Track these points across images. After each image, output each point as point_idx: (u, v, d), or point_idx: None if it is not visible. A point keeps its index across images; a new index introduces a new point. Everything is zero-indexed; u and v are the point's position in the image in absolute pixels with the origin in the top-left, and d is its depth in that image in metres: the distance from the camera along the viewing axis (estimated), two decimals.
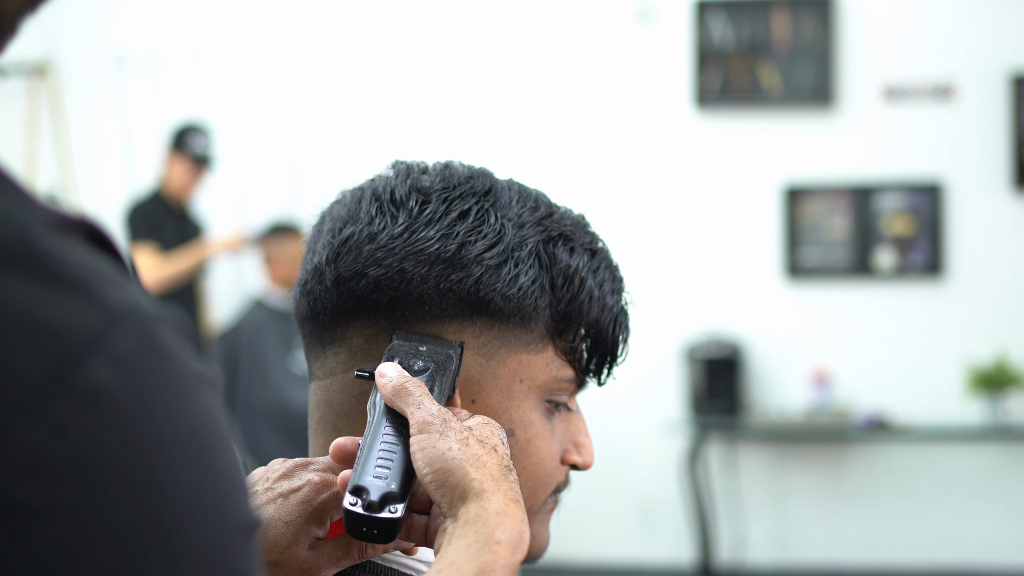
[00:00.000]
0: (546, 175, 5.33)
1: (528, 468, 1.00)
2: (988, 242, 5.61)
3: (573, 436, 1.04)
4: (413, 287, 0.97)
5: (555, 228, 1.01)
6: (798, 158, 5.71)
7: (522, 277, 0.99)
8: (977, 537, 5.58)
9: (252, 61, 5.99)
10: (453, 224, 0.99)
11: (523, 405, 1.00)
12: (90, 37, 6.11)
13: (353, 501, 0.86)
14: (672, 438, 5.66)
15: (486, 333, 0.99)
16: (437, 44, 5.89)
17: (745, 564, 5.69)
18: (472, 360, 0.99)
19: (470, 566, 0.83)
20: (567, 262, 1.01)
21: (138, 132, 6.01)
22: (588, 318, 1.01)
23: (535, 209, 1.02)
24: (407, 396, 0.91)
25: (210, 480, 0.55)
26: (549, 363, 1.01)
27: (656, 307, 5.65)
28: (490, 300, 0.98)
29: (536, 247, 1.00)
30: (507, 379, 0.99)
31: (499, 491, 0.86)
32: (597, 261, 1.03)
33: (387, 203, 1.00)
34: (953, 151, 5.62)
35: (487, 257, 0.98)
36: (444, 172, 1.03)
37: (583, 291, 1.01)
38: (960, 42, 5.61)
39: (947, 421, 5.55)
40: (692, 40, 5.73)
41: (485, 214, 1.00)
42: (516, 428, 0.99)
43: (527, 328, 1.00)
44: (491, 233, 0.99)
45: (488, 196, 1.01)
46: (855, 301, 5.70)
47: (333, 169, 5.86)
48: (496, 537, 0.84)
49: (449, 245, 0.98)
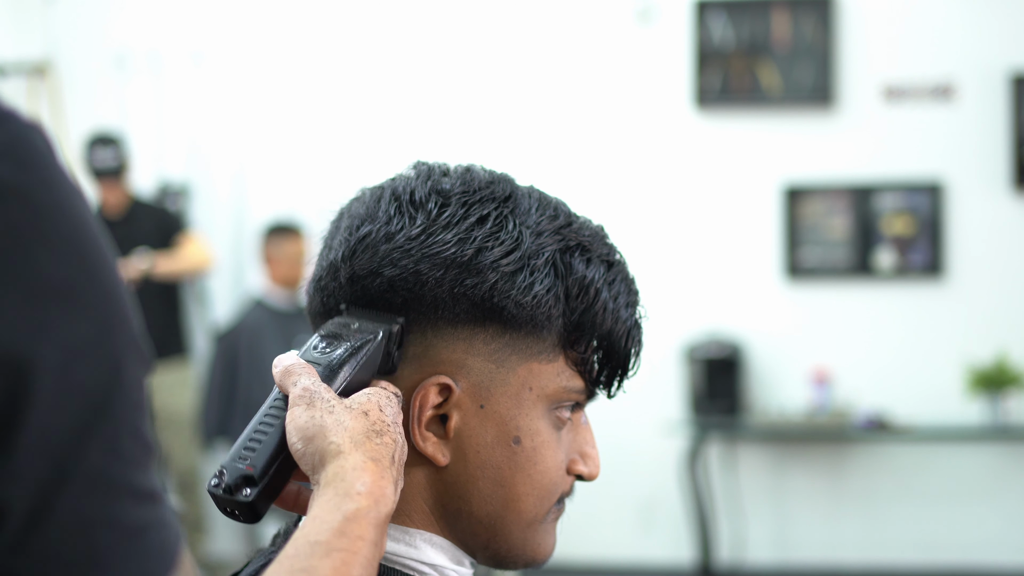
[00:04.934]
0: (546, 175, 5.33)
1: (533, 476, 1.00)
2: (988, 242, 5.61)
3: (580, 447, 1.04)
4: (427, 290, 0.97)
5: (573, 238, 1.01)
6: (798, 158, 5.71)
7: (537, 285, 0.98)
8: (977, 537, 5.58)
9: (252, 61, 5.99)
10: (471, 229, 0.98)
11: (531, 413, 1.00)
12: (90, 37, 6.11)
13: (215, 483, 0.89)
14: (672, 438, 5.66)
15: (498, 340, 0.99)
16: (437, 43, 5.89)
17: (745, 564, 5.69)
18: (482, 366, 0.99)
19: (333, 516, 0.84)
20: (583, 272, 1.00)
21: (138, 132, 6.01)
22: (601, 330, 1.01)
23: (554, 218, 1.01)
24: (289, 377, 0.94)
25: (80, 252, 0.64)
26: (560, 373, 1.01)
27: (656, 307, 5.63)
28: (503, 307, 0.97)
29: (553, 256, 0.99)
30: (517, 387, 0.99)
31: (357, 451, 0.88)
32: (614, 273, 1.02)
33: (406, 204, 1.00)
34: (953, 151, 5.62)
35: (503, 264, 0.98)
36: (465, 176, 1.03)
37: (598, 302, 1.00)
38: (960, 42, 5.61)
39: (947, 421, 5.55)
40: (692, 40, 5.73)
41: (504, 220, 0.99)
42: (523, 436, 0.99)
43: (539, 337, 0.99)
44: (508, 240, 0.98)
45: (508, 202, 1.01)
46: (855, 301, 5.70)
47: (333, 169, 5.86)
48: (356, 488, 0.85)
49: (466, 250, 0.97)
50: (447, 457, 0.99)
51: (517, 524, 1.01)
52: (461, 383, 0.99)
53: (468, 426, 0.99)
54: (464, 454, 0.99)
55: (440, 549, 1.01)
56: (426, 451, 0.98)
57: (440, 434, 0.99)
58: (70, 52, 6.12)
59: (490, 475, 0.99)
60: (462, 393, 0.99)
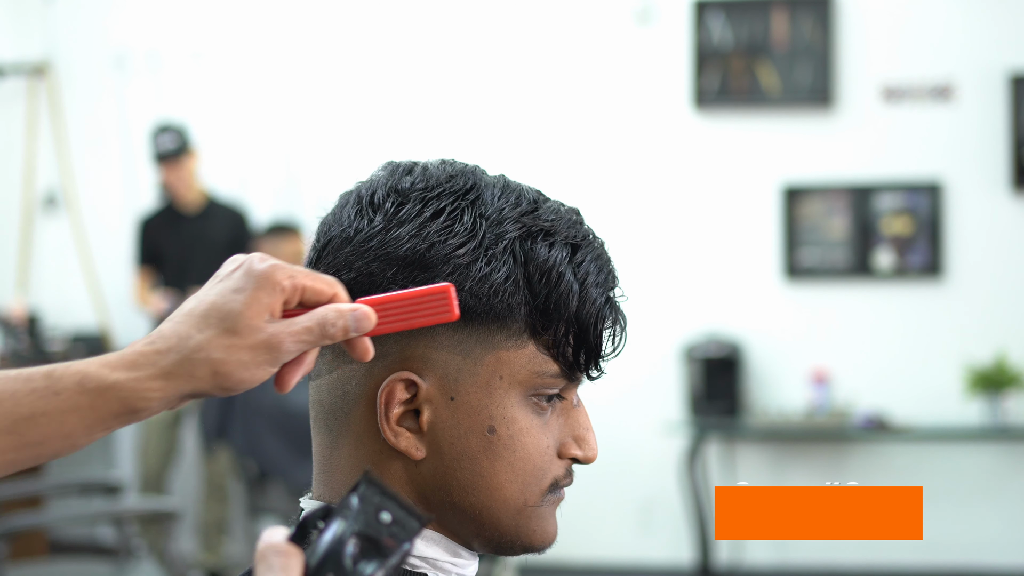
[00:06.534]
0: (545, 175, 5.34)
1: (514, 464, 1.00)
2: (987, 242, 5.61)
3: (573, 430, 1.04)
4: (381, 290, 0.97)
5: (536, 223, 1.00)
6: (797, 158, 5.71)
7: (494, 274, 0.98)
8: (976, 537, 5.58)
9: (251, 61, 5.99)
10: (425, 224, 0.98)
11: (504, 402, 0.99)
12: (90, 37, 6.12)
13: None
14: (671, 438, 5.66)
15: (461, 331, 0.98)
16: (437, 43, 5.89)
17: (744, 564, 5.70)
18: (448, 359, 0.99)
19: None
20: (545, 256, 0.99)
21: (138, 132, 6.01)
22: (569, 313, 1.00)
23: (516, 205, 1.01)
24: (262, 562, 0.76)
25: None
26: (532, 359, 1.00)
27: (655, 307, 5.66)
28: (460, 299, 0.97)
29: (512, 243, 0.99)
30: (486, 376, 0.99)
31: None
32: (582, 255, 1.01)
33: (366, 205, 1.01)
34: (952, 151, 5.63)
35: (457, 256, 0.97)
36: (426, 172, 1.03)
37: (562, 285, 0.99)
38: (959, 42, 5.61)
39: (946, 421, 5.55)
40: (691, 40, 5.73)
41: (460, 212, 0.99)
42: (497, 425, 0.99)
43: (503, 325, 0.99)
44: (462, 231, 0.98)
45: (468, 194, 1.00)
46: (854, 301, 5.70)
47: (332, 169, 5.86)
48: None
49: (420, 245, 0.98)
50: (422, 451, 0.99)
51: (505, 511, 1.01)
52: (428, 377, 0.99)
53: (440, 419, 0.99)
54: (440, 447, 0.99)
55: (432, 542, 1.01)
56: (399, 446, 0.99)
57: (415, 428, 0.99)
58: (70, 52, 6.12)
59: (467, 466, 0.99)
60: (430, 387, 0.99)
